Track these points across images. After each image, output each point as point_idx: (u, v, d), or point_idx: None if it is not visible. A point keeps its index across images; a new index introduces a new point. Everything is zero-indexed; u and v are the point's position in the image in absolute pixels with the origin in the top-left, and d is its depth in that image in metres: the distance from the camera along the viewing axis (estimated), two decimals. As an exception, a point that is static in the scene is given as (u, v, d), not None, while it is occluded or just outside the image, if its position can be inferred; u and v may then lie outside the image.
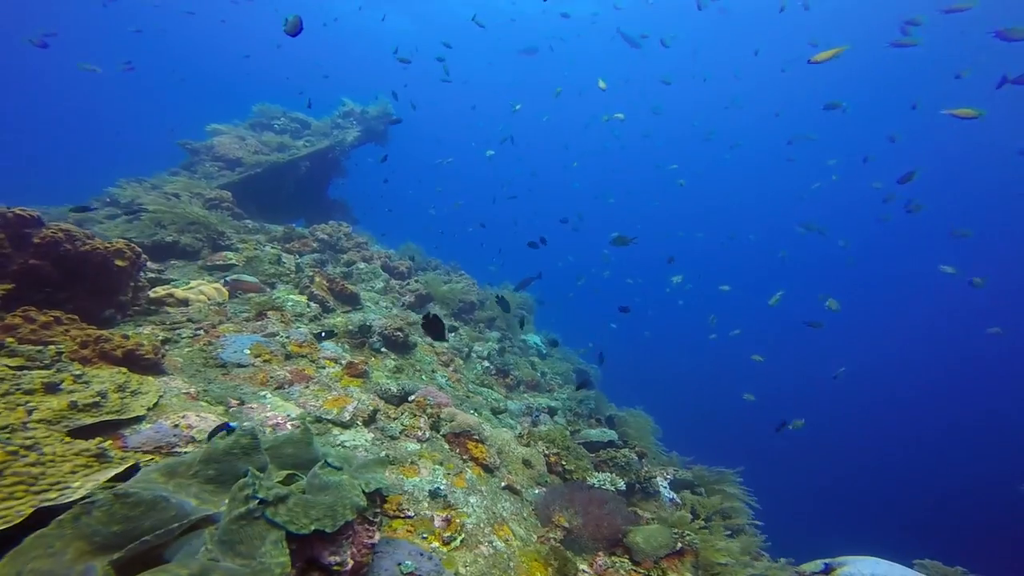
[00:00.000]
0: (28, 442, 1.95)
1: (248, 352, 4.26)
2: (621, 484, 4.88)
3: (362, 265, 7.92)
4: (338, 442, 3.60)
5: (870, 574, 4.19)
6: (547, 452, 5.08)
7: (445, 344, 6.71)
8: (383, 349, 5.40)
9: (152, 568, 1.61)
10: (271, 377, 4.05)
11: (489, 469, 4.19)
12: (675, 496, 5.56)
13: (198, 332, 4.40)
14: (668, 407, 8.31)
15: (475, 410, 5.38)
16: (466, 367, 6.74)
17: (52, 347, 2.99)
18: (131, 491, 1.77)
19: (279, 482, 2.26)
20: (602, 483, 4.99)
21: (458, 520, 3.20)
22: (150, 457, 2.61)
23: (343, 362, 4.75)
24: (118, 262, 4.19)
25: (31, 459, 1.90)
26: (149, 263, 5.66)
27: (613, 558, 3.69)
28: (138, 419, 2.81)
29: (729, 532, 4.14)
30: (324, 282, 6.19)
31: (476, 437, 4.35)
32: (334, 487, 2.08)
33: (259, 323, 4.87)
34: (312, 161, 11.30)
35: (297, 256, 7.39)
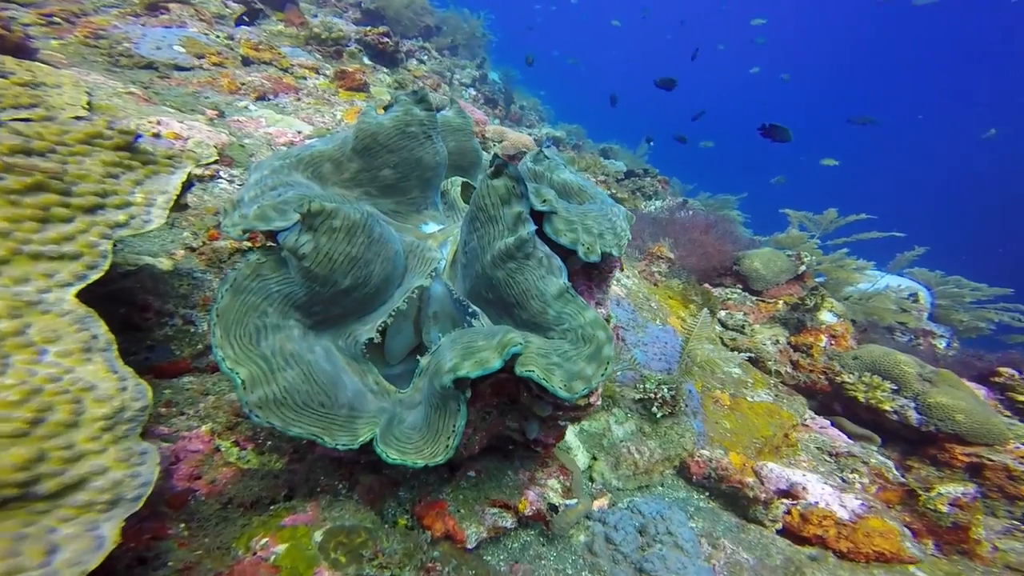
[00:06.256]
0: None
1: (181, 48, 2.58)
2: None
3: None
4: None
5: (883, 285, 4.21)
6: (594, 180, 4.26)
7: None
8: (367, 60, 3.77)
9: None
10: (242, 84, 2.52)
11: (554, 196, 3.30)
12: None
13: (52, 20, 2.54)
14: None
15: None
16: (454, 94, 5.28)
17: None
18: (339, 209, 0.88)
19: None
20: (659, 212, 4.43)
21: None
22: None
23: (326, 72, 3.19)
24: None
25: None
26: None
27: (723, 289, 3.15)
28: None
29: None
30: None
31: (533, 158, 3.31)
32: (576, 192, 1.14)
33: (162, 17, 2.99)
34: None
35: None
